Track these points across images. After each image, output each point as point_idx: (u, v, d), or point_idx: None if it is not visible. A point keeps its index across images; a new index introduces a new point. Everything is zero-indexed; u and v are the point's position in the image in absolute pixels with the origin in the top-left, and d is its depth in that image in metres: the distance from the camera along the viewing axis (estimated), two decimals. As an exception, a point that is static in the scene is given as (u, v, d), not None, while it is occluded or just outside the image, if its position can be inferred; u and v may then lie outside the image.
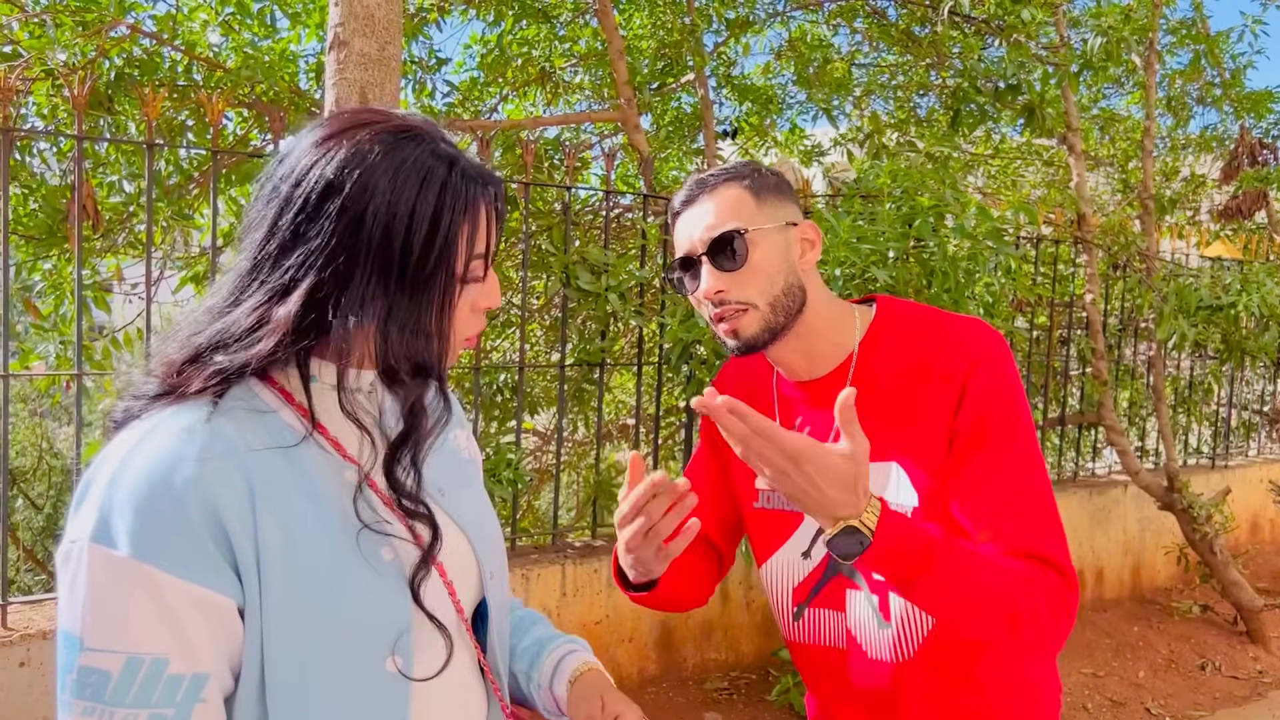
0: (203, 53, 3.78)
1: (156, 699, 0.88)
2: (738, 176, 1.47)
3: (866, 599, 1.47)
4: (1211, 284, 5.19)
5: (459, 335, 1.04)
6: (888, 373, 1.47)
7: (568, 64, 5.26)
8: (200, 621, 0.89)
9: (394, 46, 2.28)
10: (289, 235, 0.95)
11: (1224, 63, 6.59)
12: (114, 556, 0.87)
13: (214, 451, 0.92)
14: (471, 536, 1.12)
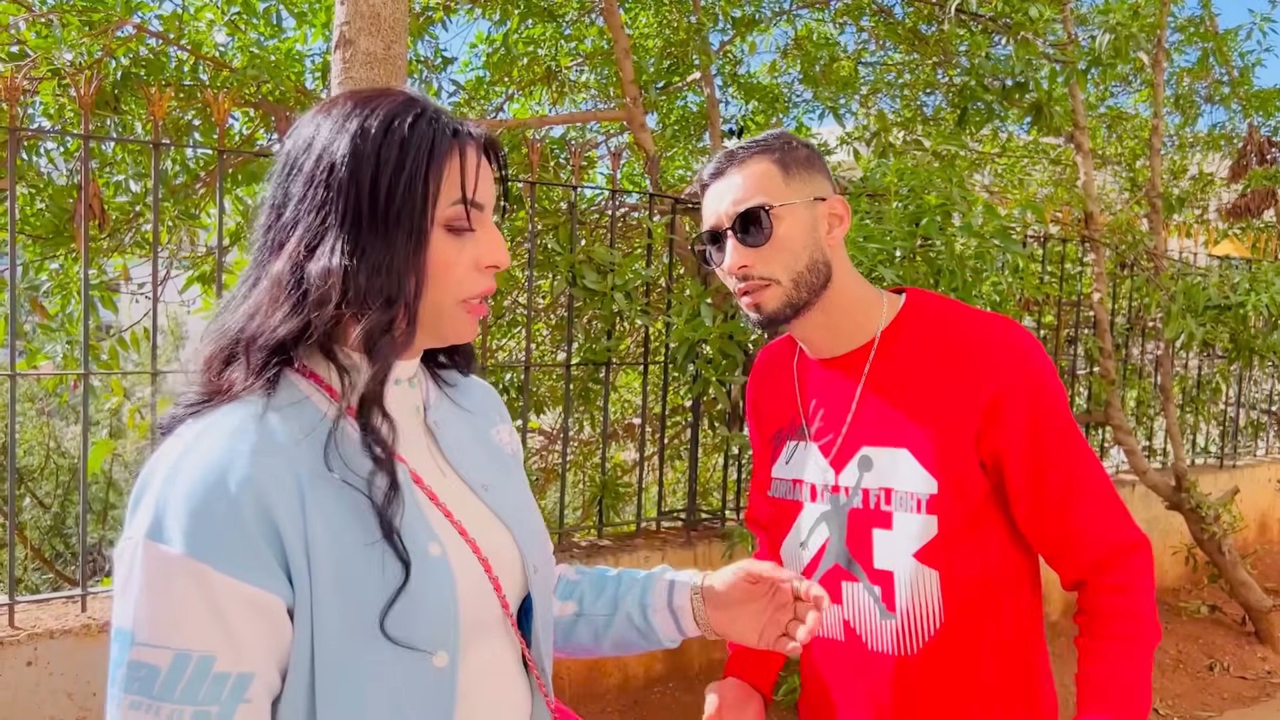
0: (209, 52, 3.78)
1: (202, 696, 0.89)
2: (767, 149, 1.46)
3: (866, 589, 1.46)
4: (1220, 283, 5.17)
5: (455, 292, 1.02)
6: (909, 360, 1.47)
7: (573, 63, 5.26)
8: (250, 621, 0.90)
9: (399, 45, 2.28)
10: (281, 199, 1.00)
11: (1232, 61, 6.57)
12: (168, 554, 0.89)
13: (265, 449, 0.93)
14: (515, 531, 1.12)
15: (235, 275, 4.36)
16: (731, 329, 3.60)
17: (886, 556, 1.44)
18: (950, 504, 1.40)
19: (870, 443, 1.47)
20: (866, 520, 1.46)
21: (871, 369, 1.48)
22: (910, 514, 1.42)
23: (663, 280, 4.08)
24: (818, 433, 1.53)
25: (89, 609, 2.84)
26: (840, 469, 1.49)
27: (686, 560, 3.91)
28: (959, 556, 1.42)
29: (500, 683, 1.09)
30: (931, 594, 1.42)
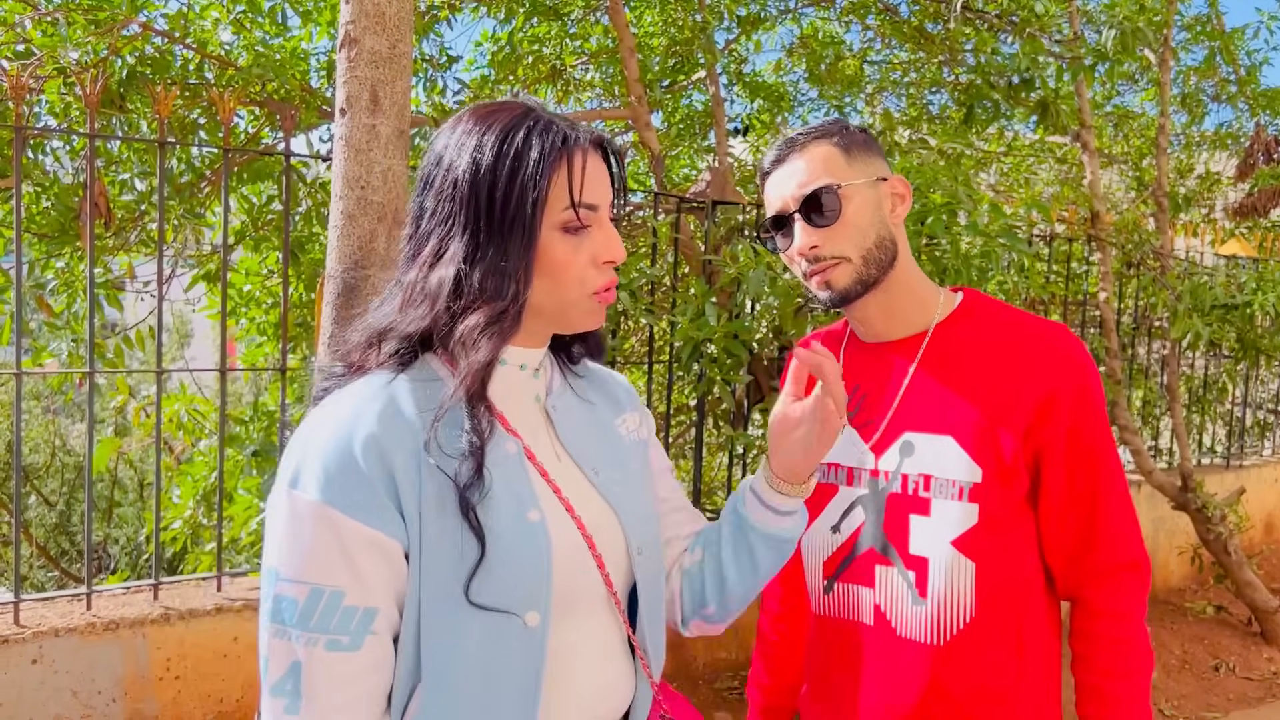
0: (214, 51, 3.78)
1: (334, 626, 1.02)
2: (827, 134, 1.49)
3: (900, 574, 1.47)
4: (1226, 282, 5.15)
5: (582, 286, 1.11)
6: (962, 351, 1.49)
7: (578, 61, 5.25)
8: (373, 561, 1.03)
9: (405, 44, 2.28)
10: (417, 211, 1.12)
11: (1239, 59, 6.54)
12: (304, 500, 1.02)
13: (391, 412, 1.06)
14: (621, 513, 1.19)
15: (240, 273, 4.37)
16: (735, 328, 3.60)
17: (923, 542, 1.45)
18: (992, 494, 1.42)
19: (914, 428, 1.48)
20: (904, 505, 1.47)
21: (924, 355, 1.50)
22: (950, 501, 1.44)
23: (667, 279, 4.07)
24: (859, 416, 1.55)
25: (94, 607, 2.84)
26: (880, 453, 1.51)
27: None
28: (996, 548, 1.43)
29: (600, 658, 1.17)
30: (966, 584, 1.43)
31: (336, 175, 2.26)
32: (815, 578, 1.59)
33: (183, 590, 3.06)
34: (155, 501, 3.13)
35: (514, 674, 1.07)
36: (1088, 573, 1.45)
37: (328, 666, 1.02)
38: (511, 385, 1.16)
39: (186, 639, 2.85)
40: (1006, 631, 1.45)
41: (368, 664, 1.04)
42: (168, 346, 10.90)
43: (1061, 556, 1.47)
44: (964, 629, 1.43)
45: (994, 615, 1.44)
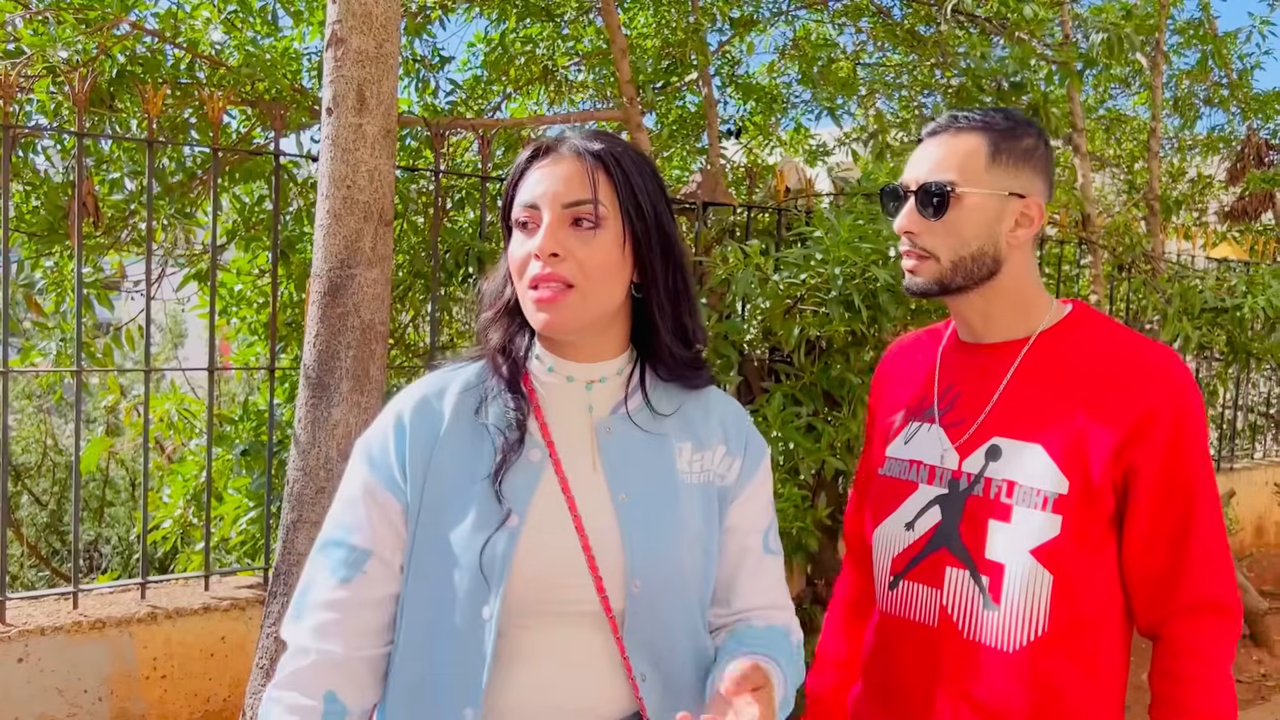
0: (205, 51, 3.78)
1: (338, 558, 1.21)
2: (988, 127, 1.45)
3: (971, 578, 1.45)
4: (1216, 285, 5.16)
5: (522, 281, 1.20)
6: (1063, 362, 1.46)
7: (571, 62, 5.25)
8: (376, 512, 1.21)
9: (392, 44, 2.28)
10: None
11: (1231, 63, 6.56)
12: (357, 451, 1.26)
13: (435, 393, 1.25)
14: (628, 542, 1.19)
15: (231, 273, 4.36)
16: (726, 329, 3.60)
17: (1001, 549, 1.43)
18: (1077, 507, 1.39)
19: (1003, 433, 1.46)
20: (984, 510, 1.45)
21: (1024, 361, 1.48)
22: (1033, 510, 1.41)
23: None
24: (948, 416, 1.53)
25: (81, 606, 2.84)
26: (966, 455, 1.49)
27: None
28: (1075, 563, 1.41)
29: (572, 668, 1.19)
30: (1042, 594, 1.41)
31: (323, 174, 2.26)
32: (882, 573, 1.58)
33: (170, 589, 3.06)
34: (143, 501, 3.13)
35: (465, 658, 1.17)
36: (1173, 608, 1.41)
37: (324, 589, 1.20)
38: (560, 396, 1.25)
39: (173, 638, 2.85)
40: (1078, 649, 1.42)
41: (353, 597, 1.19)
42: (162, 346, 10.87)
43: (1145, 587, 1.43)
44: (1036, 640, 1.41)
45: (1067, 630, 1.41)
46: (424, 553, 1.19)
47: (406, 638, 1.20)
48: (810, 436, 3.43)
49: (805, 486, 3.59)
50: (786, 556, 3.53)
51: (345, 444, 2.23)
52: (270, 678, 2.25)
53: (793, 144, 6.59)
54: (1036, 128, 1.49)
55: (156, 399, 4.24)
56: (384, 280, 2.28)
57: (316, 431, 2.23)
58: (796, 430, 3.42)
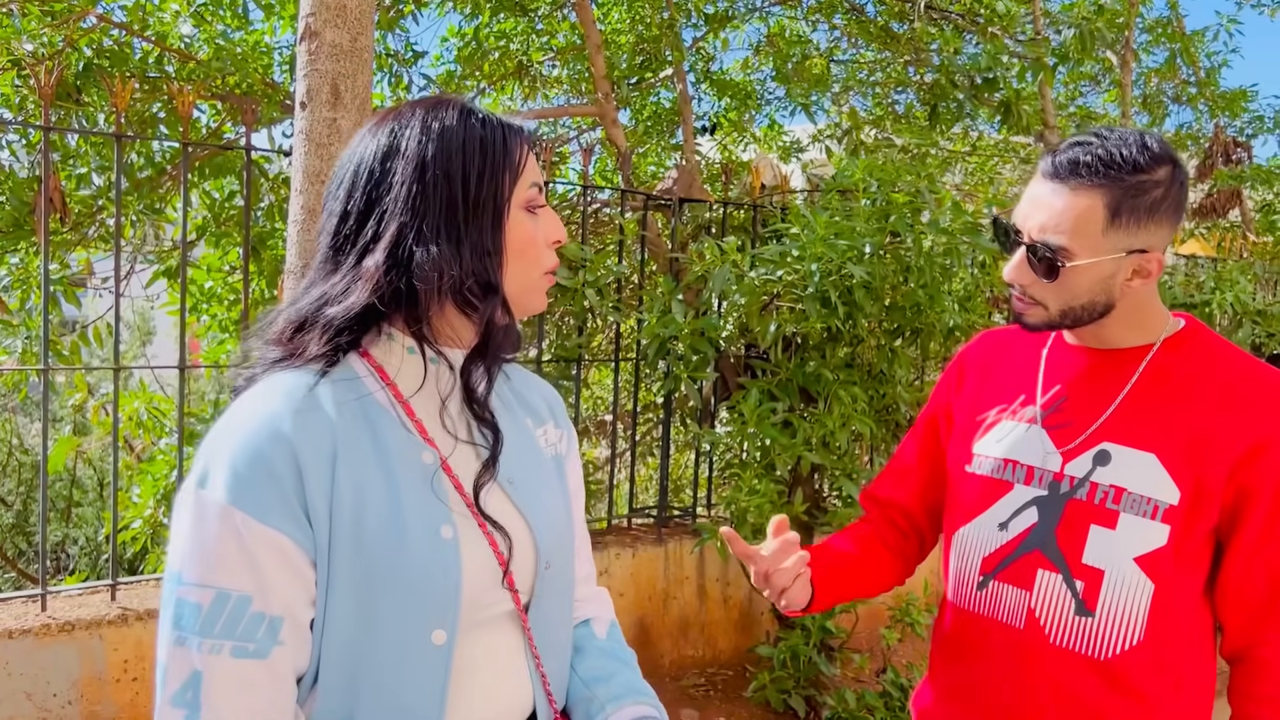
0: (174, 44, 3.73)
1: (240, 632, 0.98)
2: (1113, 184, 1.36)
3: (1064, 582, 1.44)
4: (1185, 282, 5.22)
5: (535, 266, 1.12)
6: (1183, 374, 1.45)
7: (545, 58, 5.23)
8: (279, 566, 0.99)
9: (366, 37, 2.25)
10: (363, 206, 1.07)
11: (1199, 62, 6.64)
12: (211, 501, 0.98)
13: (307, 416, 1.02)
14: (533, 526, 1.16)
15: (201, 270, 4.31)
16: (703, 325, 3.60)
17: (1100, 555, 1.42)
18: (1186, 519, 1.38)
19: (1116, 439, 1.44)
20: (1087, 514, 1.44)
21: (1148, 368, 1.46)
22: (1141, 518, 1.40)
23: (635, 277, 4.06)
24: (1054, 417, 1.51)
25: (49, 608, 2.79)
26: (1071, 458, 1.47)
27: (657, 557, 3.90)
28: (1177, 574, 1.40)
29: (503, 673, 1.14)
30: (1140, 603, 1.40)
31: (297, 169, 2.24)
32: (970, 572, 1.55)
33: (141, 590, 3.01)
34: (112, 501, 3.08)
35: (417, 691, 1.05)
36: (1266, 633, 1.40)
37: (232, 674, 0.98)
38: (430, 389, 1.12)
39: (145, 640, 2.80)
40: (1170, 661, 1.42)
41: (275, 673, 1.00)
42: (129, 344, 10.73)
43: (1241, 609, 1.42)
44: (1131, 649, 1.40)
45: (1162, 641, 1.41)
46: (351, 587, 1.02)
47: (328, 684, 1.04)
48: (786, 432, 3.44)
49: (781, 482, 3.60)
50: (763, 552, 3.54)
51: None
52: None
53: (767, 140, 6.60)
54: (1172, 161, 1.40)
55: (125, 397, 4.18)
56: (359, 277, 2.25)
57: (291, 430, 2.20)
58: (773, 426, 3.42)
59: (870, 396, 3.62)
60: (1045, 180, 1.42)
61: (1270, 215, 6.69)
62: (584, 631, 1.34)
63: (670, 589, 3.95)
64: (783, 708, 3.67)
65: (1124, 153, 1.37)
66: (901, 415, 3.79)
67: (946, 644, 1.61)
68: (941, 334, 3.56)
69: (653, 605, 3.86)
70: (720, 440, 3.86)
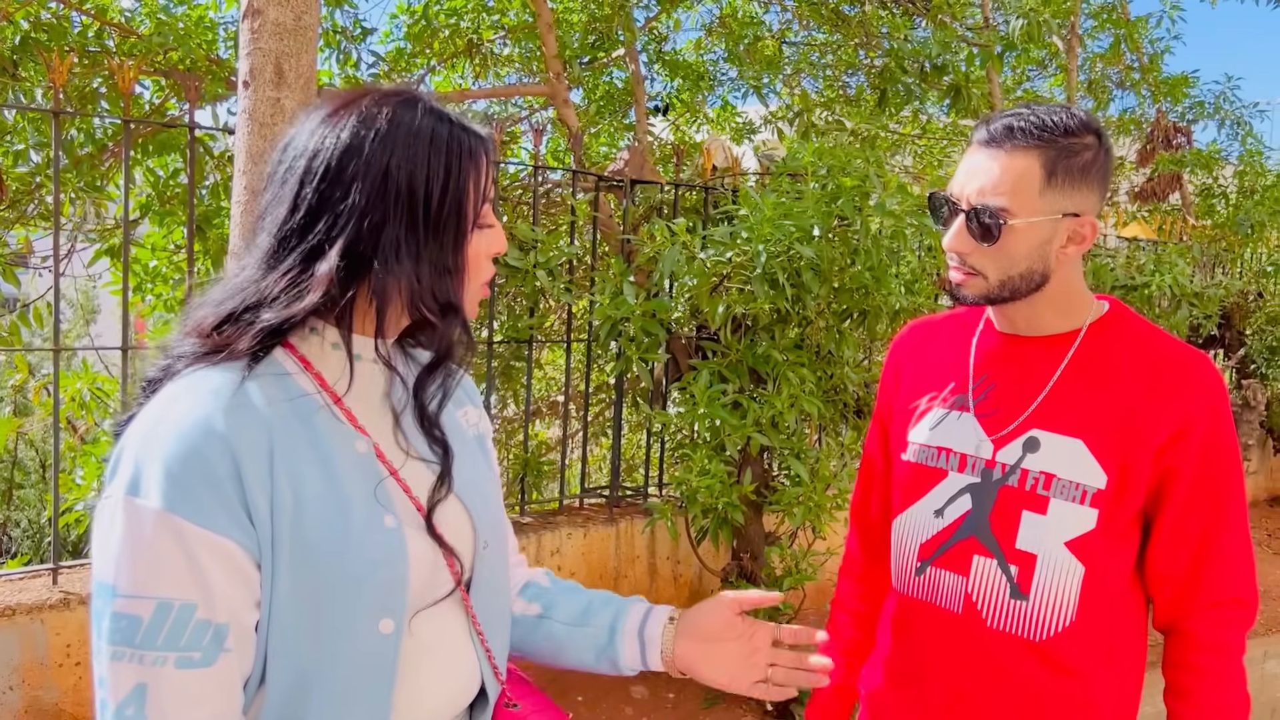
0: (115, 18, 3.64)
1: (185, 642, 0.95)
2: (1045, 145, 1.39)
3: (999, 567, 1.47)
4: (1126, 264, 5.33)
5: (477, 280, 1.11)
6: (1108, 358, 1.48)
7: (496, 36, 5.19)
8: (223, 571, 0.96)
9: (311, 16, 2.23)
10: (315, 203, 1.02)
11: (1143, 48, 6.76)
12: (146, 509, 0.94)
13: (240, 410, 0.99)
14: (469, 506, 1.16)
15: (145, 249, 4.24)
16: (655, 307, 3.61)
17: (1032, 540, 1.45)
18: (1114, 502, 1.42)
19: (1044, 426, 1.47)
20: (1019, 501, 1.47)
21: (1075, 355, 1.49)
22: (1070, 503, 1.44)
23: (586, 258, 4.06)
24: (984, 405, 1.54)
25: (-11, 593, 2.75)
26: (1002, 445, 1.50)
27: (609, 536, 3.93)
28: (1106, 556, 1.44)
29: (449, 655, 1.14)
30: (1072, 586, 1.44)
31: (239, 149, 2.21)
32: (909, 559, 1.59)
33: (84, 574, 2.97)
34: (54, 484, 3.04)
35: (366, 681, 1.04)
36: (1195, 605, 1.46)
37: (178, 686, 0.95)
38: (361, 379, 1.09)
39: (88, 623, 2.76)
40: (1103, 638, 1.47)
41: (222, 682, 0.97)
42: (73, 323, 10.51)
43: (1168, 584, 1.47)
44: (1064, 630, 1.45)
45: (1093, 620, 1.45)
46: (293, 586, 1.00)
47: (275, 684, 1.02)
48: (736, 413, 3.47)
49: (730, 462, 3.63)
50: (713, 531, 3.58)
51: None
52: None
53: (720, 121, 6.61)
54: (1096, 130, 1.43)
55: (68, 378, 4.10)
56: (304, 258, 2.24)
57: (236, 412, 2.19)
58: (722, 407, 3.45)
59: (819, 377, 3.66)
60: (981, 148, 1.46)
61: (1209, 199, 6.85)
62: (537, 588, 1.36)
63: (622, 568, 3.98)
64: (731, 684, 3.71)
65: (1054, 118, 1.42)
66: (849, 395, 3.84)
67: (890, 628, 1.66)
68: (888, 316, 3.61)
69: (604, 584, 3.89)
70: (671, 421, 3.88)
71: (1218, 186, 6.92)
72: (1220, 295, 5.41)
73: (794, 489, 3.55)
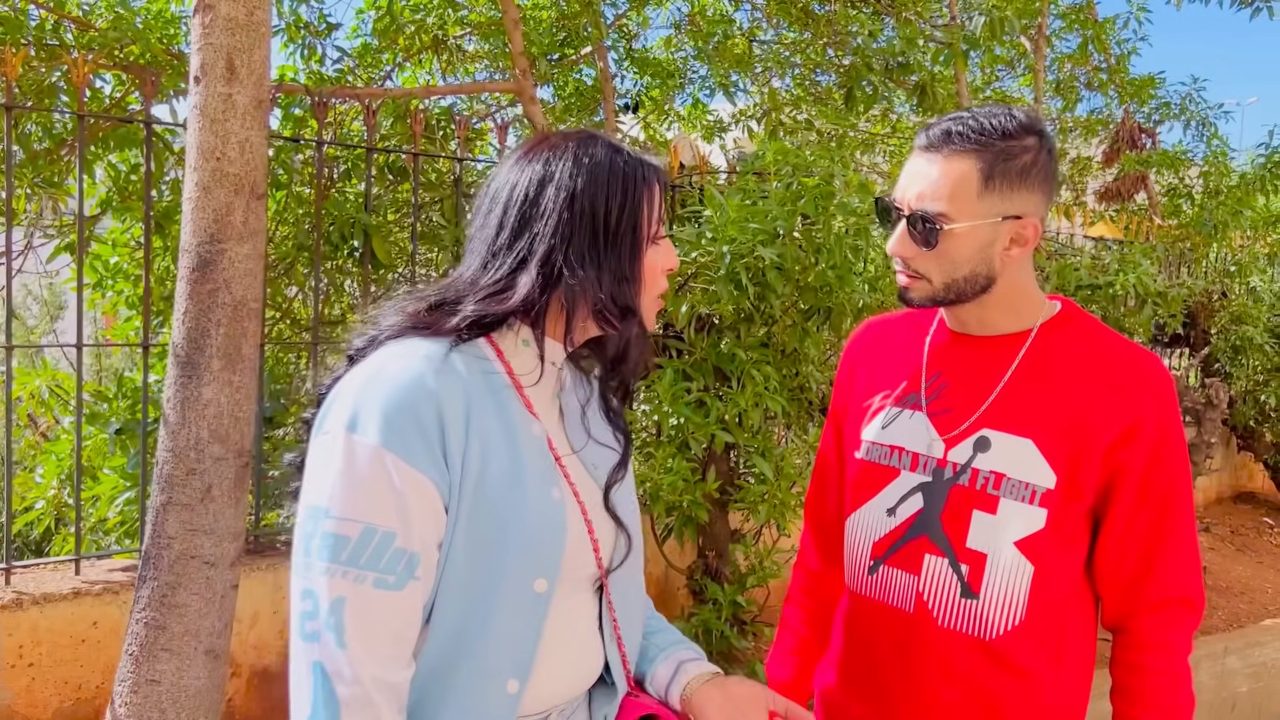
0: (73, 11, 3.60)
1: (384, 565, 1.10)
2: (983, 148, 1.41)
3: (950, 566, 1.48)
4: (1092, 264, 5.37)
5: (653, 290, 1.28)
6: (1059, 358, 1.48)
7: (463, 32, 5.16)
8: (421, 506, 1.12)
9: (263, 11, 2.21)
10: (517, 224, 1.22)
11: (1110, 48, 6.81)
12: (363, 443, 1.10)
13: (447, 373, 1.17)
14: (615, 504, 1.31)
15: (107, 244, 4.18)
16: (618, 305, 3.60)
17: (983, 539, 1.46)
18: (1063, 502, 1.43)
19: (995, 426, 1.48)
20: (969, 500, 1.48)
21: (1026, 355, 1.50)
22: (1020, 503, 1.44)
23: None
24: (935, 404, 1.55)
25: (-60, 594, 2.71)
26: (953, 445, 1.51)
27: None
28: (1055, 556, 1.45)
29: (584, 634, 1.29)
30: (1021, 585, 1.45)
31: (191, 146, 2.19)
32: (861, 557, 1.59)
33: (39, 574, 2.94)
34: (6, 483, 3.00)
35: (516, 634, 1.18)
36: (1142, 604, 1.47)
37: (373, 603, 1.09)
38: (541, 378, 1.27)
39: (41, 625, 2.74)
40: (1051, 638, 1.47)
41: (408, 607, 1.12)
42: (39, 319, 10.39)
43: (1116, 583, 1.48)
44: (1013, 629, 1.45)
45: (1042, 620, 1.46)
46: (468, 535, 1.15)
47: (439, 622, 1.16)
48: (700, 411, 3.47)
49: (695, 460, 3.63)
50: (677, 529, 3.58)
51: (216, 424, 2.17)
52: (140, 664, 2.20)
53: (691, 119, 6.61)
54: (1038, 132, 1.45)
55: (27, 375, 4.05)
56: (256, 255, 2.22)
57: (186, 411, 2.17)
58: (687, 405, 3.45)
59: (784, 375, 3.67)
60: (921, 153, 1.47)
61: (1175, 199, 6.92)
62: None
63: (586, 566, 3.96)
64: (695, 681, 3.71)
65: (993, 122, 1.43)
66: (814, 393, 3.85)
67: (843, 626, 1.66)
68: (853, 313, 3.62)
69: (569, 582, 3.88)
70: (639, 417, 3.87)
71: (1184, 187, 6.98)
72: (1184, 295, 5.46)
73: (759, 487, 3.56)
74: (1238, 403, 6.49)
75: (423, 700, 1.16)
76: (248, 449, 2.25)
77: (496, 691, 1.17)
